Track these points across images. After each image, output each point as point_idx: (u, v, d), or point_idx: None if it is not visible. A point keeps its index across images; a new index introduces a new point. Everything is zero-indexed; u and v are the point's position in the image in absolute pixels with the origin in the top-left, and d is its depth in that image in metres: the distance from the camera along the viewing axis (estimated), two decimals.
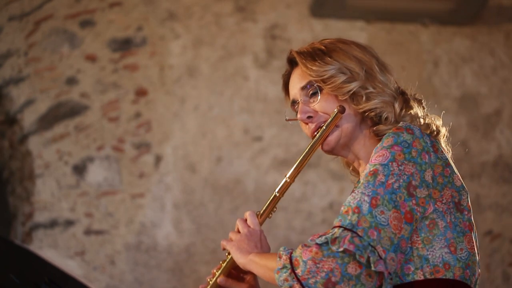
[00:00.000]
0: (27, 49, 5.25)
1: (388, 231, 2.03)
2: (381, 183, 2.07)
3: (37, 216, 5.20)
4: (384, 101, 2.27)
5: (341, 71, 2.28)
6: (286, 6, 5.42)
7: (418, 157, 2.12)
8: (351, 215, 2.05)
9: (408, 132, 2.16)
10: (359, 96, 2.27)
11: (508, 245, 5.44)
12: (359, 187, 2.10)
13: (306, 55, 2.34)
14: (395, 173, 2.08)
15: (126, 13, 5.32)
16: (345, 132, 2.29)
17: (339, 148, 2.32)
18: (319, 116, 2.31)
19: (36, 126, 5.23)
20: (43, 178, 5.20)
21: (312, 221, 5.30)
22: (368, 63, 2.31)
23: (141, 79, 5.30)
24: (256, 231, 2.32)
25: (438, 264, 2.11)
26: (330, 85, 2.27)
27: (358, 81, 2.26)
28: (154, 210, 5.23)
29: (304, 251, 2.05)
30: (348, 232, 2.02)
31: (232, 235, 2.34)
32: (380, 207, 2.05)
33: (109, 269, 5.18)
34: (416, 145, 2.13)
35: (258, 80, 5.37)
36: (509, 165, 5.43)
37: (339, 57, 2.31)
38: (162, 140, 5.29)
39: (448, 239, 2.13)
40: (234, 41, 5.37)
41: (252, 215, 2.36)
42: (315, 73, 2.29)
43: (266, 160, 5.31)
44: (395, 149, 2.12)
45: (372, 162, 2.13)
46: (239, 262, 2.28)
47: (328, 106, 2.30)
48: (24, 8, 5.26)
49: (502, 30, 5.59)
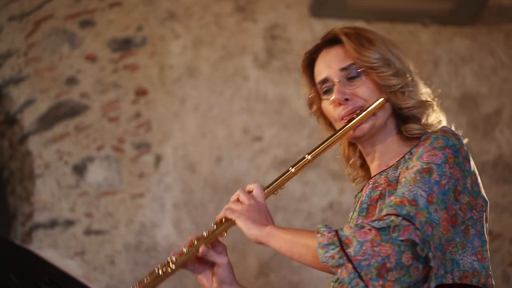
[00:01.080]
0: (27, 49, 5.25)
1: (438, 230, 2.02)
2: (436, 182, 2.06)
3: (37, 216, 5.20)
4: (421, 102, 2.28)
5: (388, 63, 2.27)
6: (286, 6, 5.42)
7: (462, 163, 2.13)
8: (408, 206, 2.01)
9: (455, 137, 2.17)
10: (399, 92, 2.26)
11: (508, 245, 5.44)
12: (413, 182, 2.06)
13: (354, 39, 2.28)
14: (447, 175, 2.08)
15: (126, 13, 5.32)
16: (378, 122, 2.26)
17: (368, 137, 2.29)
18: (356, 101, 2.27)
19: (36, 126, 5.23)
20: (43, 178, 5.20)
21: (312, 221, 5.30)
22: (407, 64, 2.33)
23: (141, 79, 5.30)
24: (263, 204, 2.22)
25: (468, 269, 2.11)
26: (380, 73, 2.25)
27: (403, 78, 2.27)
28: (154, 210, 5.23)
29: (358, 232, 1.99)
30: (409, 223, 1.98)
31: (234, 206, 2.23)
32: (435, 205, 2.03)
33: (109, 269, 5.18)
34: (462, 152, 2.15)
35: (258, 80, 5.37)
36: (509, 165, 5.43)
37: (383, 49, 2.30)
38: (162, 140, 5.29)
39: (475, 247, 2.14)
40: (234, 41, 5.37)
41: (260, 188, 2.26)
42: (366, 58, 2.25)
43: (266, 160, 5.31)
44: (447, 152, 2.12)
45: (424, 160, 2.10)
46: (251, 234, 2.15)
47: (368, 92, 2.26)
48: (24, 8, 5.26)
49: (502, 30, 5.59)
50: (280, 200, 5.27)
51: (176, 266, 2.26)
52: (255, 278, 5.22)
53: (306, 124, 5.29)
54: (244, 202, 2.21)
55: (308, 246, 2.06)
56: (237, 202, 2.23)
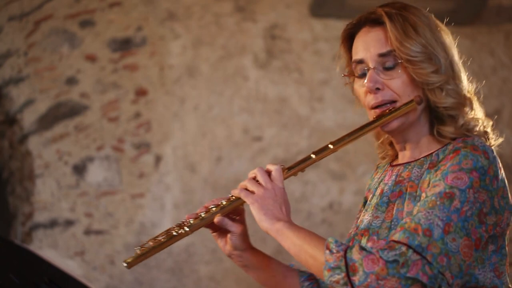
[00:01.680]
0: (27, 49, 5.25)
1: (458, 258, 1.97)
2: (456, 210, 1.99)
3: (37, 216, 5.20)
4: (459, 102, 2.16)
5: (430, 57, 2.12)
6: (286, 6, 5.42)
7: (490, 184, 2.05)
8: (421, 237, 1.95)
9: (485, 156, 2.08)
10: (438, 89, 2.13)
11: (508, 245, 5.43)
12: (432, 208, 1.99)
13: (397, 24, 2.13)
14: (470, 201, 2.00)
15: (126, 13, 5.32)
16: (409, 121, 2.15)
17: (396, 132, 2.19)
18: (387, 92, 2.15)
19: (36, 126, 5.23)
20: (43, 178, 5.20)
21: (312, 221, 5.29)
22: (451, 51, 2.19)
23: (141, 79, 5.30)
24: (281, 189, 2.12)
25: (487, 285, 2.07)
26: (417, 70, 2.11)
27: (443, 75, 2.13)
28: (154, 210, 5.23)
29: (365, 260, 1.93)
30: (419, 257, 1.92)
31: (252, 186, 2.13)
32: (452, 234, 1.97)
33: (109, 269, 5.18)
34: (490, 172, 2.07)
35: (258, 80, 5.36)
36: (509, 165, 5.43)
37: (428, 38, 2.14)
38: (162, 140, 5.29)
39: (493, 263, 2.10)
40: (234, 41, 5.37)
41: (279, 170, 2.15)
42: (406, 50, 2.11)
43: (266, 160, 5.31)
44: (474, 175, 2.03)
45: (448, 182, 2.02)
46: (262, 225, 2.09)
47: (402, 87, 2.14)
48: (24, 8, 5.26)
49: (502, 30, 5.59)
50: None
51: (190, 229, 2.21)
52: None
53: (306, 124, 5.29)
54: (261, 185, 2.12)
55: (315, 258, 2.01)
56: (253, 182, 2.13)
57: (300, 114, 5.27)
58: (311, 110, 5.28)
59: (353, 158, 5.26)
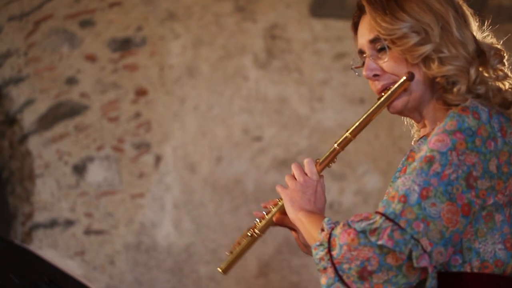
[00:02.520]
0: (27, 49, 5.25)
1: (439, 224, 1.88)
2: (436, 173, 1.91)
3: (37, 216, 5.20)
4: (458, 67, 2.06)
5: (414, 29, 2.06)
6: (286, 6, 5.42)
7: (482, 146, 1.93)
8: (396, 203, 1.90)
9: (474, 116, 1.96)
10: (431, 59, 2.05)
11: None
12: (411, 173, 1.94)
13: (377, 5, 2.10)
14: (453, 163, 1.91)
15: (126, 13, 5.32)
16: (413, 97, 2.10)
17: (407, 111, 2.14)
18: (386, 76, 2.12)
19: (36, 126, 5.23)
20: (43, 178, 5.21)
21: None
22: (446, 17, 2.12)
23: (141, 79, 5.30)
24: (312, 182, 2.15)
25: (488, 259, 1.96)
26: (400, 46, 2.06)
27: (432, 43, 2.05)
28: (154, 210, 5.23)
29: (342, 233, 1.92)
30: (389, 223, 1.88)
31: (288, 181, 2.17)
32: (432, 199, 1.89)
33: (109, 269, 5.18)
34: (481, 133, 1.94)
35: (258, 80, 5.37)
36: None
37: (413, 9, 2.07)
38: (162, 140, 5.29)
39: (504, 234, 1.97)
40: (234, 41, 5.37)
41: (311, 163, 2.17)
42: (384, 30, 2.08)
43: (266, 160, 5.31)
44: (457, 137, 1.93)
45: (430, 145, 1.95)
46: (290, 216, 2.13)
47: (396, 67, 2.10)
48: (24, 8, 5.27)
49: (502, 30, 5.58)
50: None
51: (260, 231, 2.23)
52: (255, 278, 5.22)
53: (306, 124, 5.29)
54: (294, 179, 2.17)
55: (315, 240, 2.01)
56: (289, 177, 2.18)
57: (300, 114, 5.27)
58: (311, 110, 5.28)
59: (353, 158, 5.26)
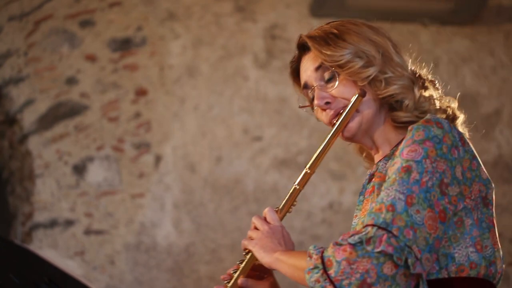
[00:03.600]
0: (27, 49, 5.26)
1: (423, 231, 1.96)
2: (416, 181, 1.99)
3: (37, 216, 5.20)
4: (404, 86, 2.19)
5: (358, 55, 2.17)
6: (286, 6, 5.42)
7: (448, 153, 2.04)
8: (385, 213, 1.96)
9: (438, 126, 2.07)
10: (377, 81, 2.17)
11: (508, 245, 5.44)
12: (391, 185, 2.01)
13: (319, 39, 2.20)
14: (428, 171, 2.00)
15: (126, 13, 5.32)
16: (366, 118, 2.20)
17: (360, 135, 2.23)
18: (337, 102, 2.20)
19: (36, 126, 5.23)
20: (43, 178, 5.21)
21: (312, 221, 5.30)
22: (384, 45, 2.22)
23: (141, 79, 5.30)
24: (277, 227, 2.23)
25: (463, 263, 2.04)
26: (347, 70, 2.16)
27: (376, 66, 2.17)
28: (154, 210, 5.23)
29: (336, 251, 1.96)
30: (383, 231, 1.93)
31: (252, 234, 2.22)
32: (416, 206, 1.96)
33: (109, 269, 5.19)
34: (446, 140, 2.06)
35: (258, 80, 5.37)
36: (509, 165, 5.43)
37: (353, 39, 2.19)
38: (162, 140, 5.29)
39: (474, 237, 2.07)
40: (234, 41, 5.38)
41: (271, 211, 2.27)
42: (330, 58, 2.17)
43: (266, 160, 5.31)
44: (428, 145, 2.02)
45: (404, 156, 2.03)
46: (264, 262, 2.17)
47: (346, 91, 2.19)
48: (24, 8, 5.27)
49: (502, 30, 5.59)
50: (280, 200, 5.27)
51: None
52: None
53: (306, 124, 5.29)
54: (259, 229, 2.23)
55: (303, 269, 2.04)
56: (252, 230, 2.24)
57: (300, 114, 5.27)
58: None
59: (353, 158, 5.24)
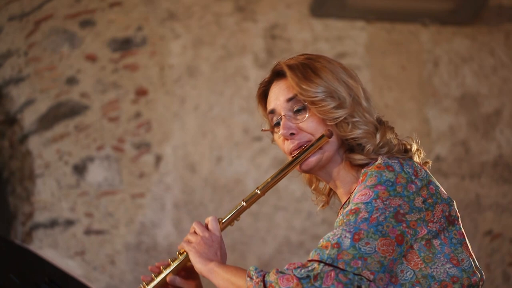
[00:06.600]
0: (27, 49, 5.25)
1: (376, 257, 2.06)
2: (364, 219, 2.08)
3: (37, 216, 5.20)
4: (368, 131, 2.26)
5: (331, 95, 2.25)
6: (286, 6, 5.42)
7: (404, 191, 2.13)
8: (329, 250, 2.05)
9: (389, 169, 2.15)
10: (345, 123, 2.26)
11: (508, 245, 5.44)
12: (339, 226, 2.10)
13: (297, 71, 2.31)
14: (379, 208, 2.09)
15: (126, 13, 5.32)
16: (326, 156, 2.28)
17: (317, 169, 2.31)
18: (302, 135, 2.30)
19: (36, 126, 5.23)
20: (43, 178, 5.21)
21: (312, 221, 5.30)
22: (355, 89, 2.29)
23: (141, 79, 5.30)
24: (217, 237, 2.30)
25: (444, 279, 2.13)
26: (319, 108, 2.25)
27: (347, 109, 2.25)
28: (154, 210, 5.23)
29: (281, 279, 2.04)
30: (330, 268, 2.02)
31: (191, 237, 2.31)
32: (365, 240, 2.06)
33: (109, 269, 5.19)
34: (400, 181, 2.14)
35: (258, 80, 5.33)
36: (509, 165, 5.43)
37: (328, 77, 2.28)
38: (162, 140, 5.29)
39: (447, 254, 2.15)
40: (234, 41, 5.38)
41: (215, 220, 2.33)
42: (306, 93, 2.26)
43: (266, 160, 5.31)
44: (379, 188, 2.12)
45: (354, 200, 2.13)
46: (197, 268, 2.26)
47: (314, 126, 2.28)
48: (24, 8, 5.27)
49: (502, 30, 5.59)
50: (280, 200, 5.28)
51: None
52: None
53: None
54: (199, 234, 2.30)
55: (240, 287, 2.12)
56: (192, 234, 2.32)
57: None
58: None
59: None
